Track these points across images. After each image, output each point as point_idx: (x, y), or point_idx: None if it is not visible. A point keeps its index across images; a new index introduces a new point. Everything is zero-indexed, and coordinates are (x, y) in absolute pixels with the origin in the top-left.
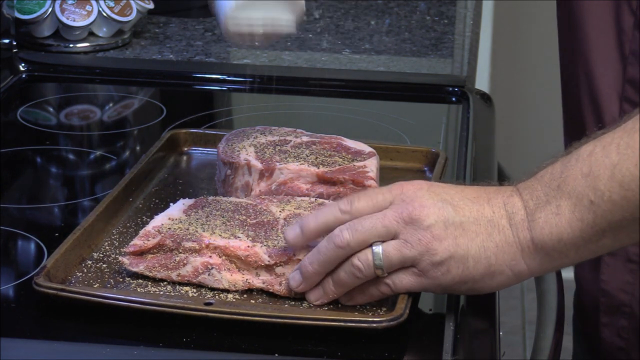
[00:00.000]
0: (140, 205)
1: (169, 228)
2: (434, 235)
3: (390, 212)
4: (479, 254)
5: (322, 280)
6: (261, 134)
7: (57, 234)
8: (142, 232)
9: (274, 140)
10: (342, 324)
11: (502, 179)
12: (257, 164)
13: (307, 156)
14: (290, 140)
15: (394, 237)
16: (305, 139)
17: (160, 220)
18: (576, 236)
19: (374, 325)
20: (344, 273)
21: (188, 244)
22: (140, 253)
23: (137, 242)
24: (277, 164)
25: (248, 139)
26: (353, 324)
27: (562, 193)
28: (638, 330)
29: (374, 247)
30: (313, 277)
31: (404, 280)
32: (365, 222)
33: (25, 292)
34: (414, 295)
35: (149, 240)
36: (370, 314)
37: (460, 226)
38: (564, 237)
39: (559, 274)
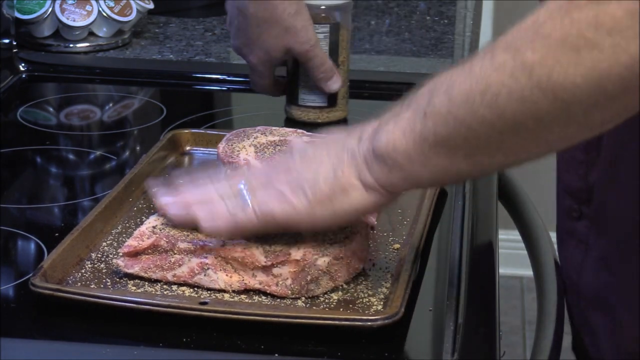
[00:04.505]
0: (140, 206)
1: (164, 228)
2: (287, 162)
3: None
4: (327, 171)
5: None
6: (261, 134)
7: (57, 234)
8: (136, 232)
9: (274, 141)
10: (337, 322)
11: (502, 179)
12: (257, 164)
13: None
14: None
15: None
16: (305, 139)
17: (154, 220)
18: (408, 145)
19: (369, 323)
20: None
21: (183, 245)
22: (135, 254)
23: (132, 243)
24: None
25: (248, 139)
26: (348, 323)
27: (409, 107)
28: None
29: None
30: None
31: (266, 201)
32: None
33: (25, 292)
34: (411, 294)
35: (143, 241)
36: (367, 312)
37: (312, 155)
38: (397, 145)
39: (559, 274)
